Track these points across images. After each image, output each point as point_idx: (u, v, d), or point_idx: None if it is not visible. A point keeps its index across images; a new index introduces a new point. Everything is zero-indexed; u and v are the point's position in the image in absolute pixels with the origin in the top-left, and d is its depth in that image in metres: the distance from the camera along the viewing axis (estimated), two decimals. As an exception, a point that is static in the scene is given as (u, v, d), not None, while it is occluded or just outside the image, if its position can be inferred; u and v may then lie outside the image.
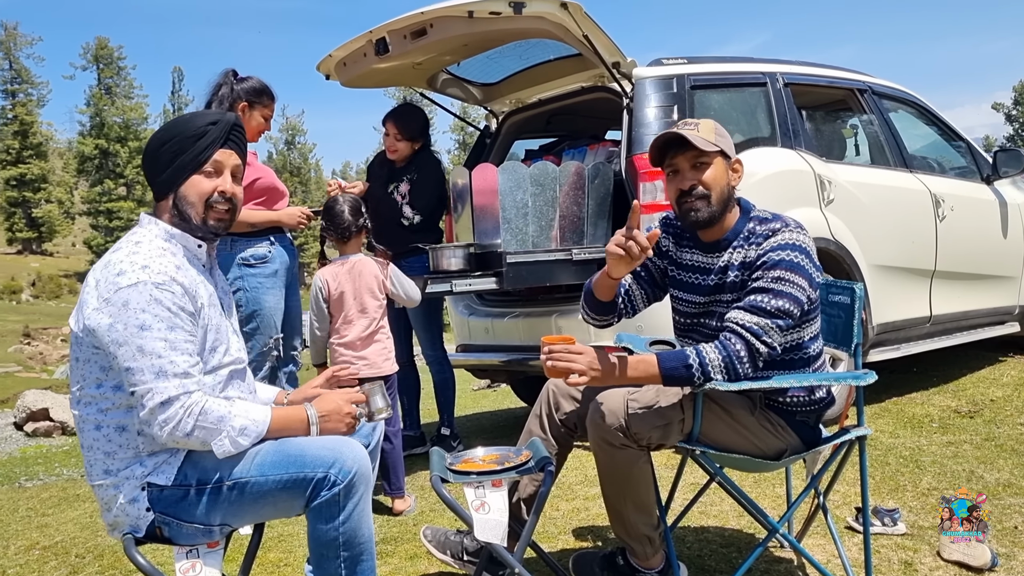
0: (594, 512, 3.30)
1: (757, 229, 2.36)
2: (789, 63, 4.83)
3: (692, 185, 2.34)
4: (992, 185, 5.58)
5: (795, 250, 2.28)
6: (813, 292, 2.33)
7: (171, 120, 2.14)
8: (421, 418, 4.77)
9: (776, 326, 2.24)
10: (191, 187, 2.06)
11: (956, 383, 5.16)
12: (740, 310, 2.27)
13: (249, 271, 3.76)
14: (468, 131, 48.81)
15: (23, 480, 5.94)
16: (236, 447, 1.96)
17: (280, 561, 3.14)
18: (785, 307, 2.24)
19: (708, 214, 2.35)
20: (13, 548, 3.78)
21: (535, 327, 4.35)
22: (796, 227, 2.34)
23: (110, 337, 1.89)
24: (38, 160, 53.85)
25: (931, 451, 3.86)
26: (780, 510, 3.11)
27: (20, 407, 10.19)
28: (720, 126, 2.42)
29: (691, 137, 2.31)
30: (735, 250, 2.37)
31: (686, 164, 2.36)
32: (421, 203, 4.34)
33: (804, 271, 2.27)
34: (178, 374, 1.90)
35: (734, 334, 2.24)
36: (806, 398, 2.42)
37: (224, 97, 3.73)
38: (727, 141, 2.40)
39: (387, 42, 4.01)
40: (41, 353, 26.60)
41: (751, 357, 2.23)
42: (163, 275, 1.93)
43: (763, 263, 2.29)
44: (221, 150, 2.07)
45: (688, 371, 2.20)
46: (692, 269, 2.49)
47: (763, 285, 2.27)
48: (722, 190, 2.35)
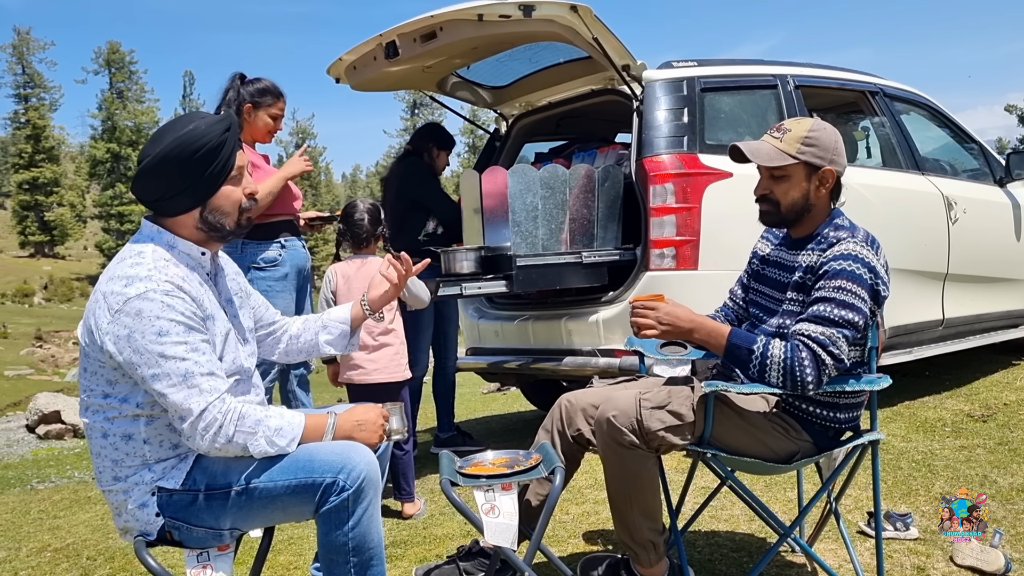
0: (604, 516, 3.29)
1: (830, 235, 2.38)
2: (800, 65, 4.81)
3: (764, 194, 2.42)
4: (1005, 187, 5.54)
5: (855, 261, 2.27)
6: (877, 306, 2.31)
7: (175, 134, 1.98)
8: (427, 423, 4.78)
9: (843, 336, 2.22)
10: (224, 198, 2.05)
11: (969, 387, 5.13)
12: (805, 321, 2.27)
13: (259, 274, 3.77)
14: (478, 134, 48.89)
15: (35, 482, 5.97)
16: (273, 447, 1.96)
17: (290, 564, 3.14)
18: (849, 317, 2.23)
19: (775, 220, 2.45)
20: (25, 550, 3.80)
21: (545, 330, 4.35)
22: (864, 240, 2.34)
23: (130, 347, 1.87)
24: (50, 164, 54.22)
25: (944, 455, 3.83)
26: (791, 514, 3.09)
27: (32, 410, 10.26)
28: (820, 131, 2.39)
29: (751, 153, 2.36)
30: (810, 252, 2.40)
31: (764, 171, 2.42)
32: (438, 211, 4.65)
33: (863, 281, 2.26)
34: (204, 375, 1.90)
35: (801, 342, 2.23)
36: (831, 415, 2.39)
37: (230, 101, 3.75)
38: (817, 149, 2.36)
39: (397, 45, 4.02)
40: (53, 356, 26.73)
41: (815, 366, 2.20)
42: (170, 284, 1.92)
43: (824, 272, 2.29)
44: (238, 153, 2.08)
45: (749, 356, 2.23)
46: (775, 264, 2.54)
47: (825, 295, 2.27)
48: (794, 202, 2.39)
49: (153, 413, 1.98)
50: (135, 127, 56.10)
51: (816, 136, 2.37)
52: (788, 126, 2.40)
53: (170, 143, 1.97)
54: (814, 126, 2.39)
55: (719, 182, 3.90)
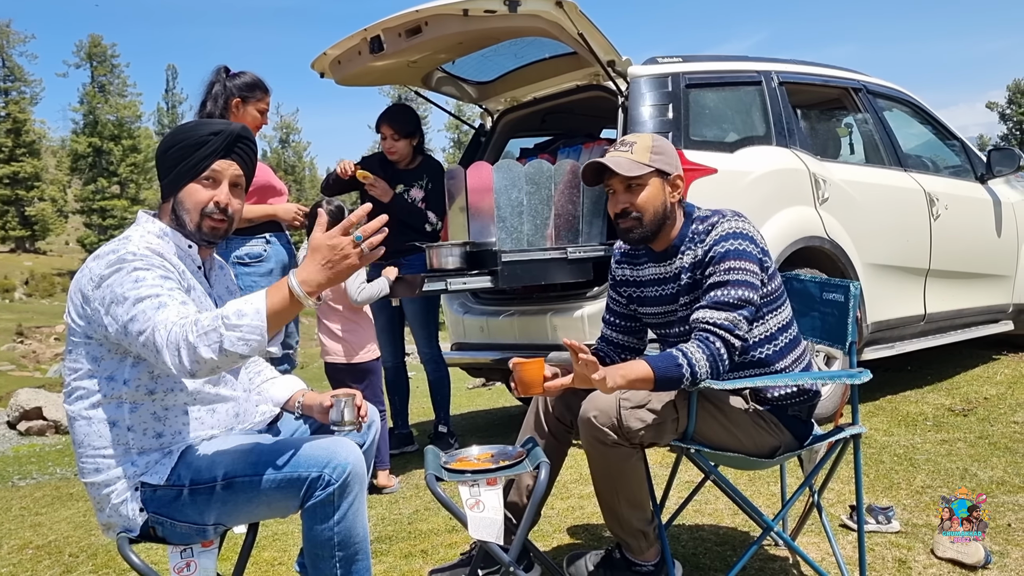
0: (589, 511, 3.30)
1: (699, 228, 2.42)
2: (784, 62, 4.83)
3: (624, 208, 2.41)
4: (986, 184, 5.59)
5: (737, 238, 2.33)
6: (765, 275, 2.37)
7: (180, 125, 2.14)
8: (415, 417, 4.78)
9: (742, 317, 2.29)
10: (188, 195, 2.08)
11: (950, 381, 5.18)
12: (705, 308, 2.31)
13: (244, 270, 3.75)
14: (463, 129, 48.76)
15: (16, 479, 5.93)
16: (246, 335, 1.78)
17: (274, 560, 3.14)
18: (745, 295, 2.29)
19: (641, 234, 2.43)
20: (6, 547, 3.77)
21: (530, 325, 4.35)
22: (733, 216, 2.39)
23: (111, 299, 1.88)
24: (31, 158, 53.61)
25: (925, 449, 3.87)
26: (775, 508, 3.12)
27: (13, 406, 10.17)
28: (661, 141, 2.47)
29: (612, 164, 2.37)
30: (683, 254, 2.43)
31: (620, 186, 2.42)
32: (440, 209, 4.43)
33: (750, 256, 2.32)
34: (176, 305, 1.86)
35: (709, 332, 2.27)
36: (792, 390, 2.43)
37: (217, 95, 3.71)
38: (666, 158, 2.43)
39: (382, 40, 4.01)
40: (34, 352, 26.53)
41: (729, 353, 2.27)
42: (149, 250, 1.97)
43: (711, 258, 2.34)
44: (220, 160, 2.08)
45: (679, 371, 2.22)
46: (653, 282, 2.54)
47: (718, 279, 2.31)
48: (656, 210, 2.41)
49: (137, 398, 1.99)
50: (117, 121, 55.56)
51: (661, 145, 2.44)
52: (632, 139, 2.44)
53: (168, 134, 2.12)
54: (655, 138, 2.48)
55: (704, 178, 3.91)
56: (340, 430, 2.15)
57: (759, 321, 2.40)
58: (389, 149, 4.40)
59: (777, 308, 2.44)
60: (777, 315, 2.44)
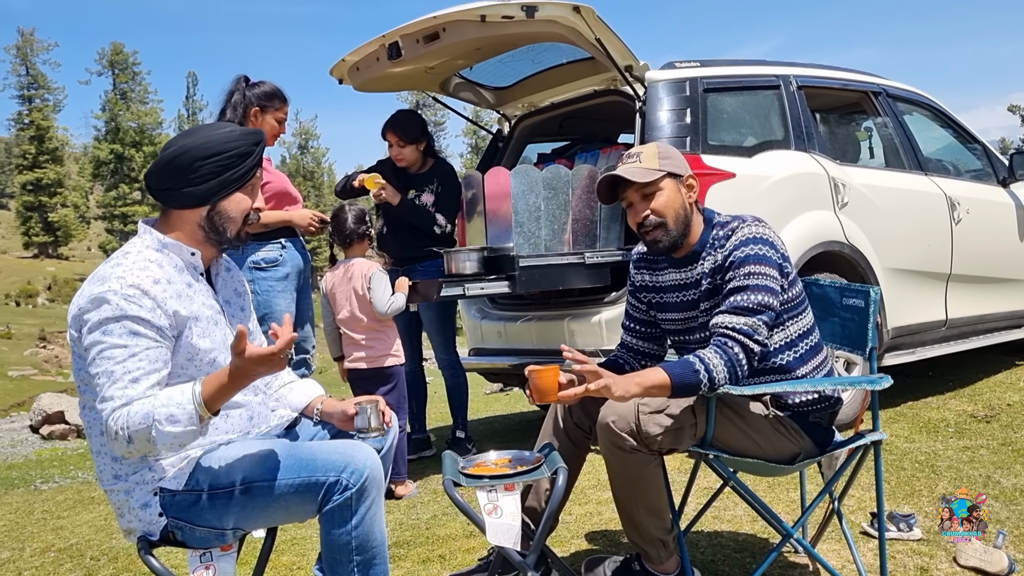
0: (607, 516, 3.29)
1: (719, 234, 2.41)
2: (803, 66, 4.81)
3: (646, 216, 2.40)
4: (1008, 188, 5.53)
5: (757, 243, 2.32)
6: (785, 280, 2.35)
7: (206, 132, 2.06)
8: (432, 422, 4.78)
9: (762, 322, 2.27)
10: (234, 203, 2.08)
11: (972, 387, 5.12)
12: (724, 313, 2.30)
13: (260, 274, 3.78)
14: (480, 135, 48.91)
15: (39, 482, 5.98)
16: (174, 438, 1.81)
17: (293, 564, 3.15)
18: (765, 300, 2.28)
19: (669, 241, 2.41)
20: (29, 550, 3.80)
21: (548, 330, 4.35)
22: (753, 221, 2.38)
23: (87, 338, 1.89)
24: (54, 165, 54.33)
25: (947, 456, 3.83)
26: (794, 515, 3.09)
27: (36, 410, 10.26)
28: (666, 146, 2.48)
29: (626, 174, 2.37)
30: (704, 260, 2.42)
31: (636, 196, 2.42)
32: (451, 212, 4.41)
33: (770, 261, 2.31)
34: (125, 382, 1.84)
35: (728, 338, 2.26)
36: (814, 396, 2.42)
37: (237, 104, 3.75)
38: (674, 160, 2.43)
39: (400, 46, 4.03)
40: (57, 356, 26.76)
41: (748, 358, 2.26)
42: (133, 288, 1.90)
43: (731, 263, 2.33)
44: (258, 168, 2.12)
45: (696, 376, 2.21)
46: (673, 288, 2.53)
47: (738, 284, 2.30)
48: (677, 212, 2.40)
49: None
50: (138, 128, 56.22)
51: (667, 150, 2.45)
52: (637, 151, 2.45)
53: (199, 139, 2.04)
54: (659, 144, 2.50)
55: (722, 183, 3.90)
56: (366, 436, 2.17)
57: (780, 327, 2.38)
58: (397, 156, 4.41)
59: (798, 314, 2.42)
60: (798, 321, 2.42)
